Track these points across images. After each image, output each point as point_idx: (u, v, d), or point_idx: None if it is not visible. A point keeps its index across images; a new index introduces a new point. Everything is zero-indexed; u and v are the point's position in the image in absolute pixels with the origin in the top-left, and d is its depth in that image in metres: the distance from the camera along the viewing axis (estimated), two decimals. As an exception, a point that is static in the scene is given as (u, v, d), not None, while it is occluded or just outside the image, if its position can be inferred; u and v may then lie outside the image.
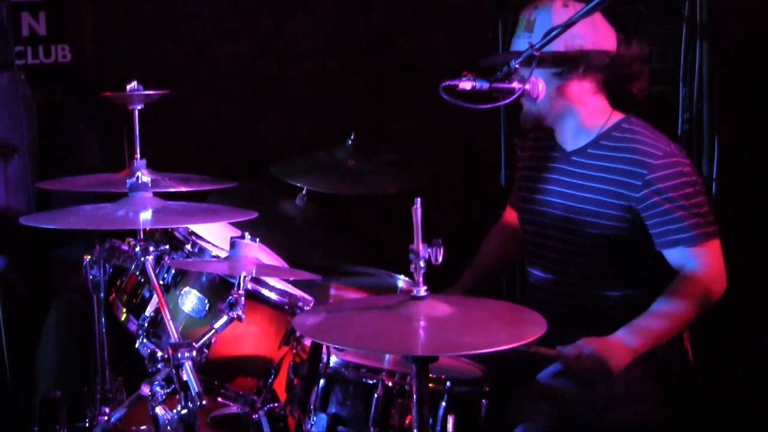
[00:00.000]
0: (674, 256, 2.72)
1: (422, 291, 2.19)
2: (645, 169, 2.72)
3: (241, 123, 4.61)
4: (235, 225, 3.04)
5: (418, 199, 2.15)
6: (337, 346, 2.52)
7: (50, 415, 2.94)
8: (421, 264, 2.16)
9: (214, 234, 2.97)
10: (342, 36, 4.61)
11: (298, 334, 2.68)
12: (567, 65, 2.76)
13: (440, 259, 2.16)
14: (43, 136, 3.96)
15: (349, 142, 3.60)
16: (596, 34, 2.76)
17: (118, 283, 2.93)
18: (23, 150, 3.77)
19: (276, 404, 2.75)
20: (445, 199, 4.56)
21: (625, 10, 4.19)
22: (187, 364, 2.30)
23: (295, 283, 2.92)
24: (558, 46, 2.69)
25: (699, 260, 2.70)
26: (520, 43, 2.80)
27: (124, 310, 2.83)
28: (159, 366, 2.45)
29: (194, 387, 2.27)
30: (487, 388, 2.53)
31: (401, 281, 3.29)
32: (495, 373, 2.60)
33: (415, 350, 2.11)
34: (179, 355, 2.31)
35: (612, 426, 2.70)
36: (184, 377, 2.29)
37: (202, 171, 3.18)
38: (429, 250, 2.16)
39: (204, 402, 2.28)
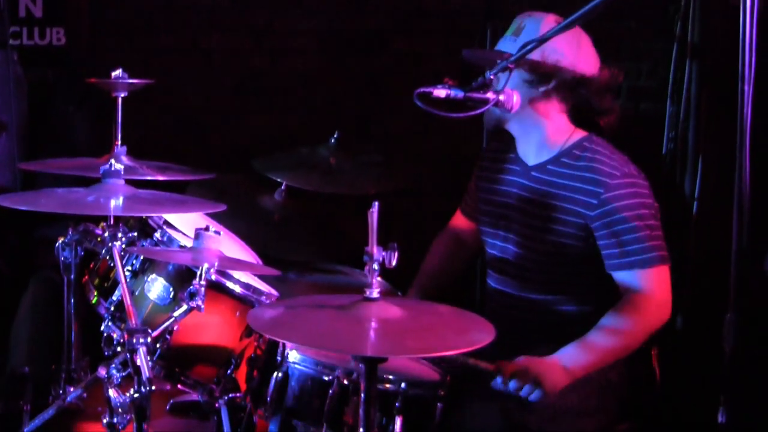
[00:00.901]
0: (622, 276, 2.71)
1: (375, 293, 2.21)
2: (601, 188, 2.71)
3: (230, 115, 4.63)
4: (212, 216, 3.04)
5: (376, 203, 2.16)
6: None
7: (16, 391, 2.98)
8: (375, 266, 2.17)
9: (193, 224, 2.96)
10: (334, 34, 4.63)
11: (256, 326, 2.71)
12: (538, 76, 2.75)
13: (394, 263, 2.17)
14: (33, 116, 4.00)
15: (333, 140, 3.59)
16: (577, 56, 2.75)
17: (91, 265, 2.95)
18: (12, 128, 3.80)
19: (237, 394, 2.76)
20: (430, 201, 4.58)
21: (617, 27, 4.23)
22: (141, 350, 2.34)
23: (263, 277, 2.93)
24: (535, 55, 2.66)
25: (647, 283, 2.68)
26: (505, 44, 2.81)
27: (95, 292, 2.85)
28: (118, 349, 2.49)
29: (145, 372, 2.30)
30: (443, 392, 2.53)
31: (374, 281, 3.30)
32: (451, 378, 2.61)
33: (365, 351, 2.13)
34: (134, 340, 2.34)
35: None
36: (138, 362, 2.33)
37: (189, 160, 3.19)
38: (384, 253, 2.17)
39: (153, 387, 2.30)
